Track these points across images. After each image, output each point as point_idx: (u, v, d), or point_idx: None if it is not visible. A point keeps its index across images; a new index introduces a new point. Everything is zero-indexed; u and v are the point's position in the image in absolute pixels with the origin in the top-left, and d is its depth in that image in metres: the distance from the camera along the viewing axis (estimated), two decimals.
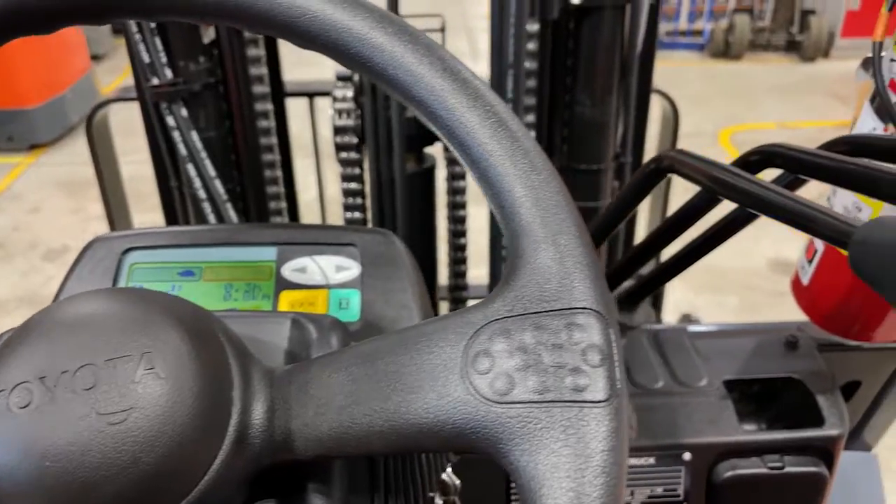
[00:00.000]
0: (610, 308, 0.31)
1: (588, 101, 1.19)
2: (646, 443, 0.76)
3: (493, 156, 0.33)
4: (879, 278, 0.30)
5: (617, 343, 0.30)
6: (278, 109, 1.42)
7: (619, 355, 0.30)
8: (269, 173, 1.29)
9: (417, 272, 0.59)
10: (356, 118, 1.32)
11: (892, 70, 0.65)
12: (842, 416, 0.78)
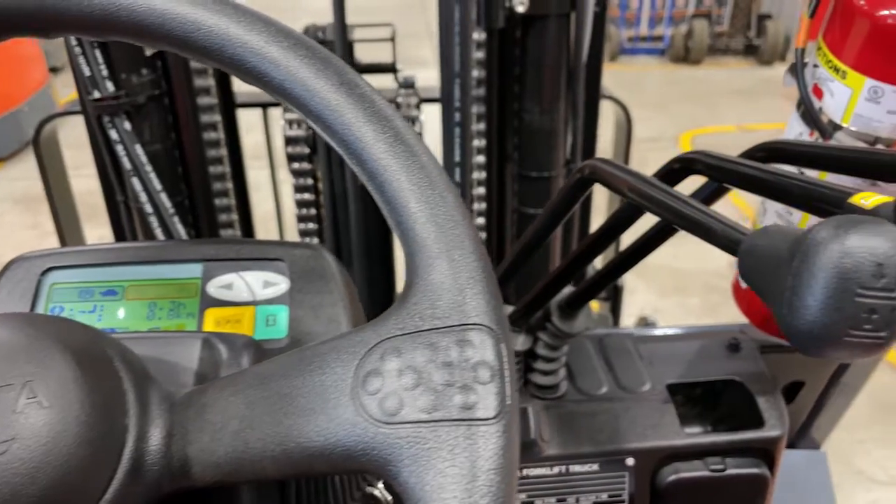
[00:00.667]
0: (503, 323, 0.31)
1: (536, 109, 1.19)
2: (589, 449, 0.76)
3: (388, 170, 0.33)
4: (759, 286, 0.30)
5: (509, 359, 0.30)
6: (229, 121, 1.41)
7: (511, 371, 0.30)
8: (218, 185, 1.27)
9: (349, 286, 0.58)
10: (308, 128, 1.31)
11: (814, 75, 0.66)
12: (782, 416, 0.79)
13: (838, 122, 0.64)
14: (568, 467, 0.76)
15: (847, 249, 0.26)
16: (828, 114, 0.64)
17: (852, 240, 0.26)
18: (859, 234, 0.26)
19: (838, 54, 0.62)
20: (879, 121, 0.61)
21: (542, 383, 0.80)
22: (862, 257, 0.26)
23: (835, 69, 0.62)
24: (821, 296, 0.26)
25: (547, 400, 0.80)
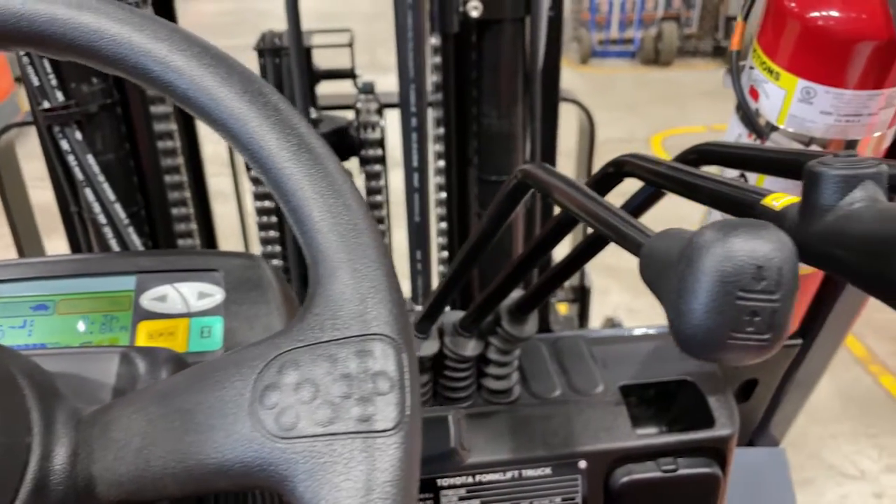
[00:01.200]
0: (405, 333, 0.31)
1: (494, 113, 1.19)
2: (542, 453, 0.76)
3: (291, 179, 0.33)
4: (655, 289, 0.30)
5: (410, 368, 0.30)
6: (188, 129, 1.39)
7: (413, 381, 0.30)
8: (176, 195, 1.26)
9: (287, 295, 0.57)
10: None
11: (751, 77, 0.67)
12: (732, 416, 0.80)
13: (774, 123, 0.64)
14: (521, 472, 0.76)
15: (728, 253, 0.26)
16: (764, 115, 0.65)
17: (733, 243, 0.26)
18: (741, 237, 0.26)
19: (772, 56, 0.63)
20: (813, 121, 0.62)
21: (494, 388, 0.80)
22: (742, 260, 0.26)
23: (769, 71, 0.63)
24: (703, 299, 0.27)
25: (500, 405, 0.80)
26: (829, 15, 0.58)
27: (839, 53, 0.58)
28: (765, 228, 0.27)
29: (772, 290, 0.26)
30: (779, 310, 0.27)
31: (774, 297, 0.27)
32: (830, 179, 0.32)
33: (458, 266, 0.68)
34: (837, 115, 0.60)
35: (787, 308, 0.27)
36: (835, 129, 0.62)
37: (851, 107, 0.60)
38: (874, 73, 0.59)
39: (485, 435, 0.77)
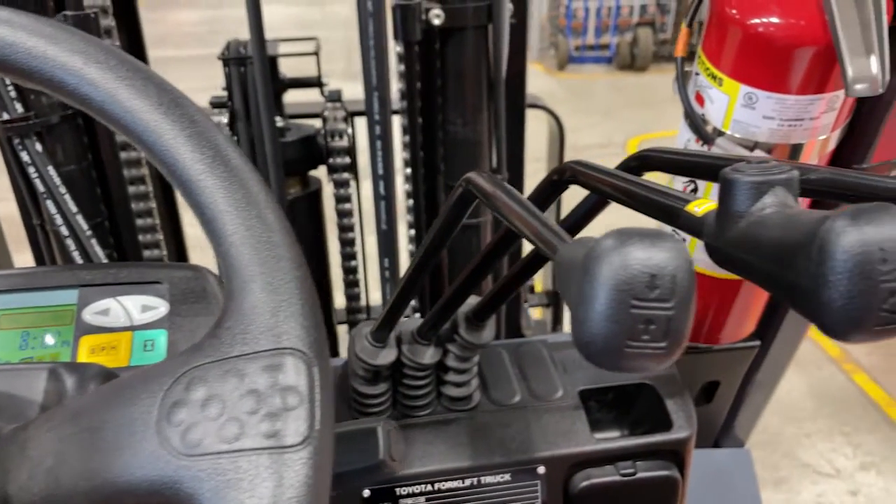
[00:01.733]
0: (318, 347, 0.31)
1: (459, 121, 1.20)
2: (500, 459, 0.76)
3: (205, 192, 0.33)
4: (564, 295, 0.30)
5: (322, 382, 0.30)
6: None
7: (323, 395, 0.30)
8: (140, 206, 1.25)
9: None
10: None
11: (697, 83, 0.68)
12: (690, 418, 0.80)
13: (720, 128, 0.65)
14: (480, 479, 0.76)
15: (622, 262, 0.26)
16: (710, 120, 0.66)
17: (627, 252, 0.27)
18: (635, 246, 0.27)
19: (715, 63, 0.64)
20: (756, 126, 0.63)
21: (454, 395, 0.80)
22: (636, 269, 0.26)
23: (712, 77, 0.64)
24: (600, 308, 0.27)
25: (460, 412, 0.80)
26: (769, 22, 0.59)
27: (779, 59, 0.59)
28: (659, 237, 0.27)
29: (666, 299, 0.27)
30: (673, 318, 0.27)
31: (668, 305, 0.27)
32: (742, 186, 0.33)
33: (410, 275, 0.68)
34: (780, 119, 0.61)
35: (682, 316, 0.27)
36: (778, 134, 0.63)
37: (793, 112, 0.61)
38: (814, 78, 0.60)
39: (445, 443, 0.77)
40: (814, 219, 0.28)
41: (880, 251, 0.26)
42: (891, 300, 0.26)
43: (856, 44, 0.52)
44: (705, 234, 0.35)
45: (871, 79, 0.53)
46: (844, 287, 0.26)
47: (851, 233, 0.26)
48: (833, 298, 0.26)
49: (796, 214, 0.30)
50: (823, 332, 0.28)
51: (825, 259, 0.27)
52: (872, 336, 0.27)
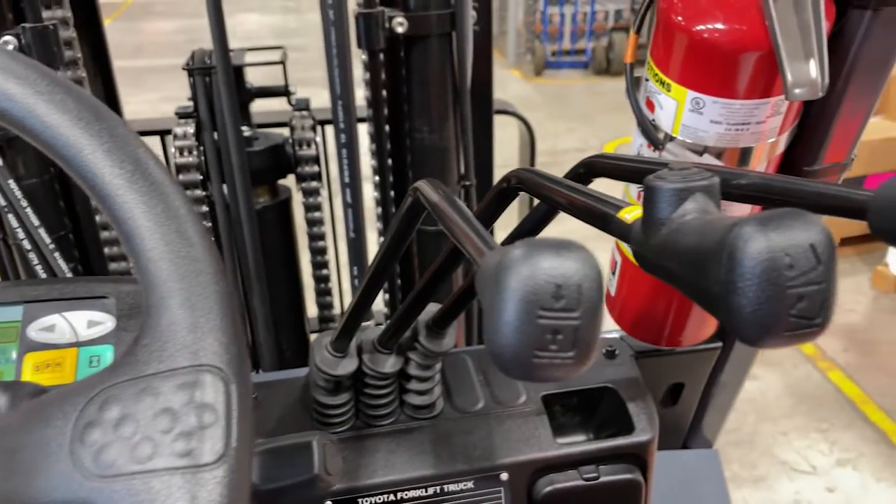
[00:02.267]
0: (236, 363, 0.30)
1: (426, 128, 1.20)
2: (463, 467, 0.76)
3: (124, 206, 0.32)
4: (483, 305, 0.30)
5: (240, 399, 0.30)
6: None
7: (241, 412, 0.29)
8: (105, 218, 1.24)
9: None
10: (200, 154, 1.29)
11: (647, 89, 0.68)
12: (652, 420, 0.81)
13: (670, 133, 0.66)
14: (443, 487, 0.76)
15: (529, 272, 0.27)
16: (661, 126, 0.67)
17: (534, 262, 0.27)
18: (542, 256, 0.27)
19: (663, 68, 0.64)
20: (705, 130, 0.63)
21: (417, 403, 0.80)
22: (541, 279, 0.26)
23: (661, 82, 0.65)
24: (508, 318, 0.27)
25: (423, 420, 0.80)
26: (713, 28, 0.60)
27: (724, 65, 0.60)
28: (566, 247, 0.27)
29: (572, 308, 0.27)
30: (580, 327, 0.27)
31: (575, 314, 0.27)
32: (664, 193, 0.33)
33: (366, 284, 0.68)
34: (727, 124, 0.62)
35: (589, 325, 0.27)
36: (726, 138, 0.63)
37: (740, 116, 0.61)
38: (759, 82, 0.60)
39: (407, 451, 0.77)
40: (725, 225, 0.28)
41: (787, 257, 0.26)
42: (798, 305, 0.26)
43: (795, 48, 0.53)
44: (632, 240, 0.36)
45: (810, 83, 0.54)
46: (753, 293, 0.26)
47: (758, 239, 0.26)
48: (743, 305, 0.27)
49: (712, 221, 0.30)
50: (738, 339, 0.28)
51: (734, 266, 0.27)
52: (784, 341, 0.27)
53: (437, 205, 0.48)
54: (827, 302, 0.27)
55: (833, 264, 0.27)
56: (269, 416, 0.81)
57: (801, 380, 2.87)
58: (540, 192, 0.52)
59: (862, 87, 0.66)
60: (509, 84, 6.11)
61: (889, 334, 3.11)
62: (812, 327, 0.27)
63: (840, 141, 0.71)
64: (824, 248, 0.26)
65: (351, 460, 0.76)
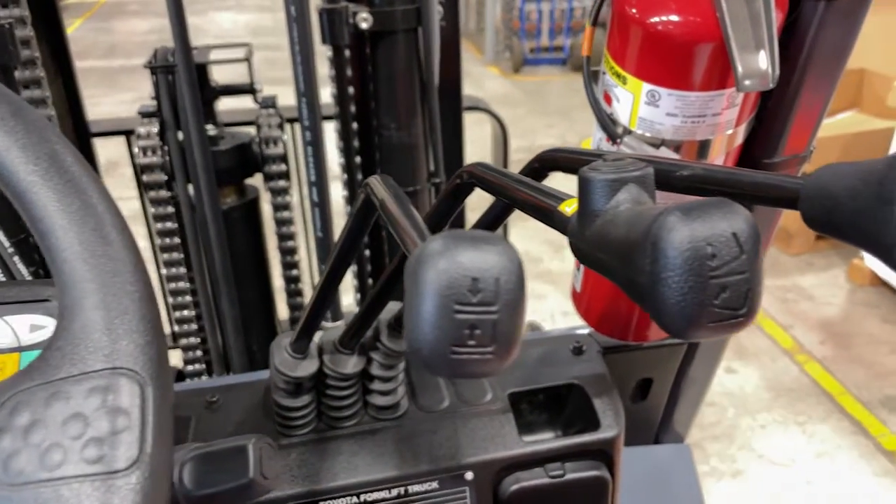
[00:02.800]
0: (151, 364, 0.29)
1: (393, 125, 1.19)
2: (427, 467, 0.75)
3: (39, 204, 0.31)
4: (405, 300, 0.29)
5: (157, 402, 0.28)
6: (84, 151, 1.35)
7: (158, 416, 0.28)
8: None
9: None
10: (164, 154, 1.26)
11: (604, 83, 0.68)
12: (618, 416, 0.80)
13: (627, 126, 0.65)
14: (407, 488, 0.75)
15: (445, 265, 0.26)
16: (619, 119, 0.66)
17: (451, 255, 0.26)
18: (459, 248, 0.26)
19: (619, 61, 0.64)
20: (661, 123, 0.63)
21: (380, 404, 0.78)
22: (457, 273, 0.26)
23: (617, 75, 0.64)
24: (424, 314, 0.26)
25: (387, 420, 0.79)
26: (668, 20, 0.59)
27: (678, 57, 0.59)
28: (485, 239, 0.26)
29: (489, 302, 0.26)
30: (499, 322, 0.26)
31: (493, 308, 0.26)
32: (597, 184, 0.32)
33: (323, 283, 0.67)
34: (683, 116, 0.62)
35: (509, 319, 0.26)
36: (683, 131, 0.63)
37: (695, 108, 0.61)
38: (714, 74, 0.60)
39: (370, 453, 0.76)
40: (652, 215, 0.27)
41: (709, 247, 0.25)
42: (722, 296, 0.26)
43: (745, 39, 0.53)
44: (570, 233, 0.35)
45: (761, 74, 0.53)
46: (676, 284, 0.26)
47: (681, 229, 0.26)
48: (667, 296, 0.26)
49: (641, 212, 0.30)
50: (664, 330, 0.28)
51: (657, 256, 0.26)
52: (709, 332, 0.26)
53: (383, 200, 0.47)
54: (751, 292, 0.26)
55: (757, 254, 0.26)
56: (230, 420, 0.79)
57: (778, 373, 2.89)
58: (491, 187, 0.51)
59: (819, 78, 0.66)
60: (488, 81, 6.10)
61: (865, 327, 3.14)
62: (737, 318, 0.26)
63: (799, 132, 0.71)
64: (747, 237, 0.26)
65: (313, 463, 0.75)
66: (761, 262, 0.27)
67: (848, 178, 0.27)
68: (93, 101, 5.74)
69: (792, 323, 3.16)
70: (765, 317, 3.19)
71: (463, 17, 7.27)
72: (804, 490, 2.38)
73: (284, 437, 0.77)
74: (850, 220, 0.27)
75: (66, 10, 8.59)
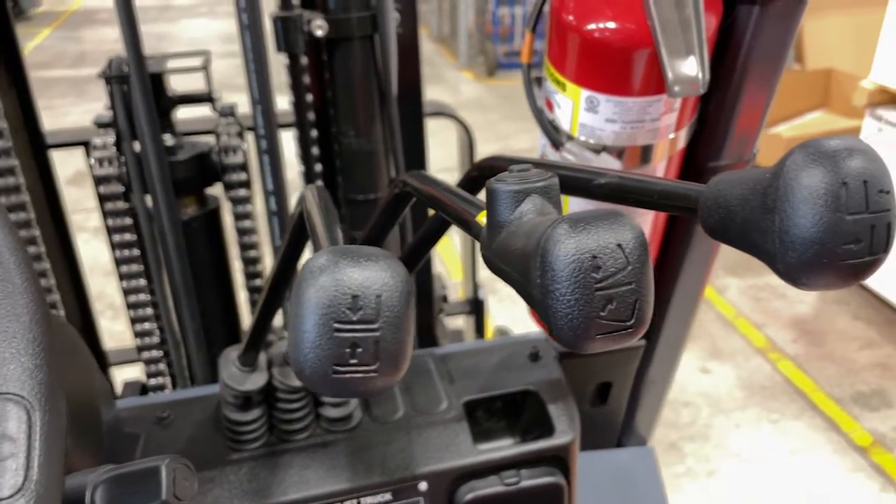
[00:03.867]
0: (39, 389, 0.28)
1: (352, 132, 1.18)
2: (380, 479, 0.74)
3: None
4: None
5: (46, 427, 0.28)
6: (41, 163, 1.33)
7: (46, 441, 0.27)
8: (22, 233, 1.19)
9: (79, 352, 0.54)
10: (120, 165, 1.24)
11: (545, 89, 0.68)
12: (572, 422, 0.80)
13: (569, 132, 0.65)
14: (359, 500, 0.74)
15: (324, 283, 0.25)
16: (560, 126, 0.66)
17: (331, 272, 0.25)
18: (341, 265, 0.25)
19: (558, 68, 0.64)
20: (601, 129, 0.63)
21: (332, 416, 0.78)
22: (337, 290, 0.25)
23: (557, 82, 0.64)
24: (304, 332, 0.25)
25: (339, 433, 0.78)
26: (604, 27, 0.59)
27: (615, 63, 0.59)
28: (370, 256, 0.26)
29: (370, 320, 0.25)
30: (381, 339, 0.26)
31: (374, 326, 0.25)
32: (501, 195, 0.32)
33: (266, 295, 0.66)
34: (622, 122, 0.62)
35: (392, 337, 0.26)
36: (623, 136, 0.63)
37: (634, 113, 0.61)
38: (651, 80, 0.60)
39: (322, 466, 0.75)
40: (545, 227, 0.27)
41: (593, 259, 0.25)
42: (609, 307, 0.25)
43: (676, 45, 0.53)
44: (481, 243, 0.35)
45: (691, 80, 0.53)
46: (563, 296, 0.25)
47: (567, 242, 0.25)
48: (556, 308, 0.26)
49: (539, 223, 0.29)
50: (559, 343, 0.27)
51: (545, 269, 0.26)
52: (599, 344, 0.26)
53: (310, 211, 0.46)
54: (640, 303, 0.26)
55: (644, 264, 0.26)
56: (180, 436, 0.78)
57: (752, 372, 2.92)
58: (423, 196, 0.50)
59: (758, 80, 0.66)
60: (462, 86, 6.11)
61: (836, 324, 3.18)
62: (626, 329, 0.26)
63: (742, 135, 0.71)
64: (633, 247, 0.25)
65: (263, 478, 0.74)
66: (649, 273, 0.26)
67: (740, 187, 0.27)
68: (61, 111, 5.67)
69: (765, 322, 3.19)
70: (738, 316, 3.22)
71: (436, 22, 7.28)
72: (778, 488, 2.40)
73: (235, 451, 0.76)
74: (740, 229, 0.26)
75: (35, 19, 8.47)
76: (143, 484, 0.36)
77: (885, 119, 2.88)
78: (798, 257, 0.24)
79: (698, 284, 0.87)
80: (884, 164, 0.26)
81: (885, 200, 0.25)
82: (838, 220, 0.24)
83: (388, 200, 0.59)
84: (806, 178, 0.24)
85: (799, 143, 0.26)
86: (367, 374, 0.26)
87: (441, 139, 1.96)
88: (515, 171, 0.33)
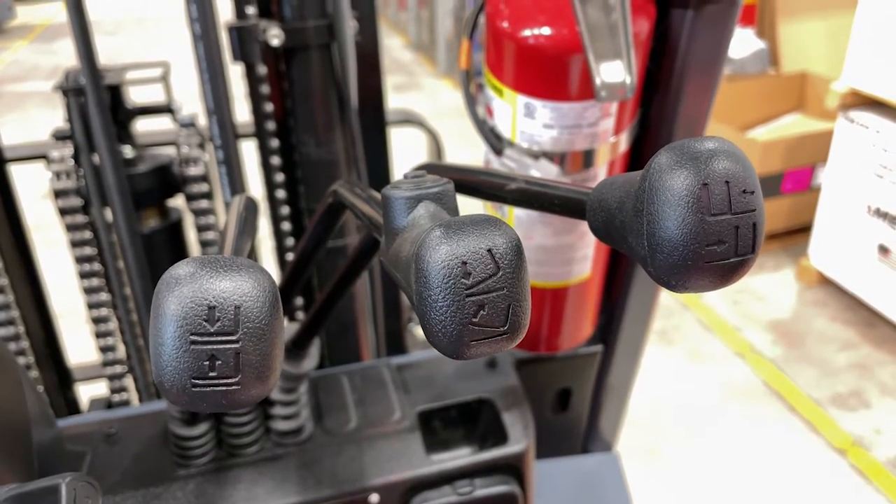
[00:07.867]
0: None
1: (312, 142, 1.17)
2: (329, 492, 0.73)
3: None
4: None
5: None
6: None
7: None
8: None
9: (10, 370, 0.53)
10: (78, 178, 1.23)
11: (485, 96, 0.67)
12: (526, 430, 0.80)
13: (508, 138, 0.65)
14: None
15: (181, 293, 0.24)
16: (500, 132, 0.66)
17: (189, 282, 0.25)
18: (199, 275, 0.25)
19: (496, 74, 0.63)
20: (539, 135, 0.62)
21: (282, 429, 0.77)
22: (192, 300, 0.24)
23: (495, 88, 0.64)
24: (162, 344, 0.25)
25: (290, 446, 0.77)
26: (538, 34, 0.59)
27: (548, 69, 0.59)
28: (231, 265, 0.25)
29: (229, 332, 0.25)
30: (242, 351, 0.25)
31: (233, 338, 0.25)
32: (395, 202, 0.31)
33: None
34: (559, 127, 0.61)
35: (253, 349, 0.25)
36: (562, 142, 0.63)
37: (570, 119, 0.61)
38: (585, 85, 0.60)
39: (272, 480, 0.74)
40: (423, 232, 0.27)
41: (463, 265, 0.25)
42: (481, 313, 0.25)
43: (604, 50, 0.53)
44: (380, 252, 0.34)
45: (618, 85, 0.53)
46: (435, 303, 0.25)
47: (438, 248, 0.25)
48: (429, 315, 0.25)
49: (423, 229, 0.29)
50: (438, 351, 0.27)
51: (419, 276, 0.25)
52: (473, 351, 0.25)
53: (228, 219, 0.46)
54: (513, 308, 0.25)
55: (516, 269, 0.25)
56: (126, 453, 0.77)
57: (731, 375, 2.93)
58: (350, 205, 0.50)
59: (697, 84, 0.66)
60: (441, 93, 6.12)
61: (815, 326, 3.20)
62: (501, 335, 0.25)
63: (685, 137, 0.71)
64: (504, 252, 0.25)
65: (211, 493, 0.73)
66: (524, 279, 0.26)
67: (618, 190, 0.26)
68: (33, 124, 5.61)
69: (743, 325, 3.20)
70: (716, 319, 3.23)
71: (415, 31, 7.30)
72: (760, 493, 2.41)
73: (182, 467, 0.74)
74: (619, 232, 0.26)
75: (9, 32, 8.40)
76: (43, 503, 0.35)
77: (856, 121, 2.91)
78: (665, 259, 0.24)
79: (652, 288, 0.87)
80: (749, 165, 0.26)
81: (748, 201, 0.24)
82: (700, 222, 0.23)
83: (322, 211, 0.58)
84: (669, 179, 0.24)
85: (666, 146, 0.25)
86: (228, 387, 0.25)
87: (417, 147, 1.95)
88: (410, 177, 0.32)
